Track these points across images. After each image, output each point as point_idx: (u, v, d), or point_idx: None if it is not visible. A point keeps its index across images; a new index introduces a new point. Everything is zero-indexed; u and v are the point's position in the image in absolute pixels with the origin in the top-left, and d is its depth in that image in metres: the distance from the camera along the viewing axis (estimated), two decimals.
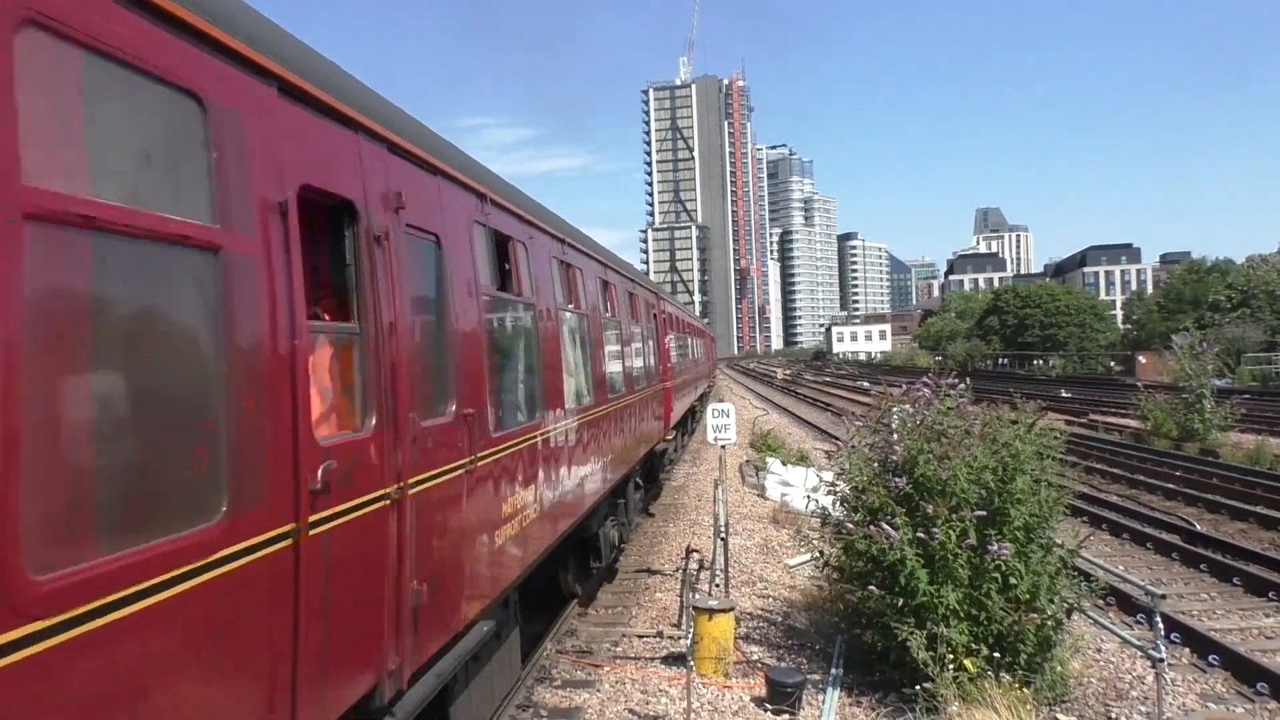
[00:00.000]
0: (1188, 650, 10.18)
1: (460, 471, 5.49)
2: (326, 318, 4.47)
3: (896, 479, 8.53)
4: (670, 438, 20.52)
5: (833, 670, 8.75)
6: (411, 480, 4.73)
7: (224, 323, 3.32)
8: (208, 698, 3.21)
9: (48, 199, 2.56)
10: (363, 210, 4.49)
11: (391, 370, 4.61)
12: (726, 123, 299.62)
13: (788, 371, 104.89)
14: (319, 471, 3.80)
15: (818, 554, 9.95)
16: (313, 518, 3.78)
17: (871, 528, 8.36)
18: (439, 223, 5.55)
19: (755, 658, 9.42)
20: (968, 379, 10.20)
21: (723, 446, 13.46)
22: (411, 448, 4.73)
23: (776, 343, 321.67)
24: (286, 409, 3.67)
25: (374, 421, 4.43)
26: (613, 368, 11.91)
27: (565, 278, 9.35)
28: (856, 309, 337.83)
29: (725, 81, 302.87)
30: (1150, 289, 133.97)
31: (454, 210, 5.93)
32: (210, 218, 3.29)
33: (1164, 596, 8.72)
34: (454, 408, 5.46)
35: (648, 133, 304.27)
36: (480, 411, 5.89)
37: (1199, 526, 16.06)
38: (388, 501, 4.48)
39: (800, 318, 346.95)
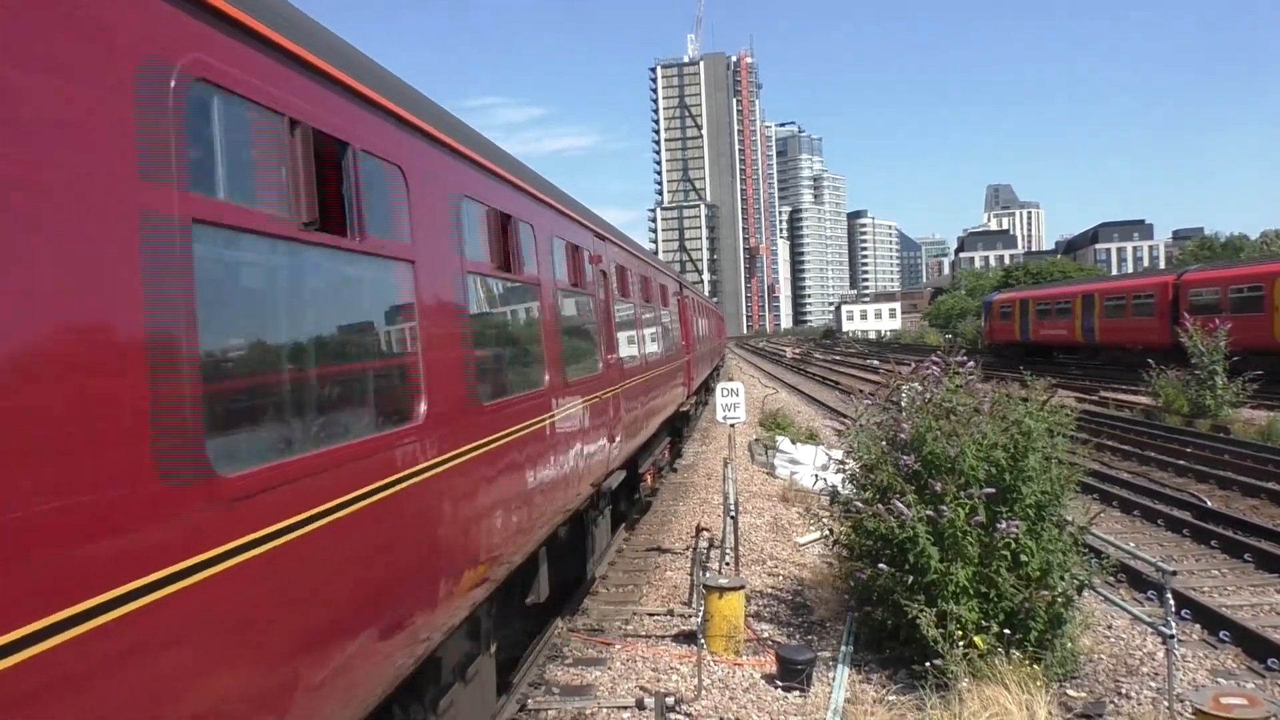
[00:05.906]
0: (1198, 626, 10.17)
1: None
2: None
3: (905, 457, 8.51)
4: (692, 399, 24.78)
5: (843, 647, 8.79)
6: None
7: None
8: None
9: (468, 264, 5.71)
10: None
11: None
12: (735, 100, 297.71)
13: (797, 350, 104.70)
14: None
15: (827, 532, 9.96)
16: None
17: (881, 506, 8.36)
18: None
19: (766, 635, 9.46)
20: (978, 356, 10.15)
21: (732, 425, 13.47)
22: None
23: (786, 321, 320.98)
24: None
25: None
26: (653, 345, 15.95)
27: (644, 286, 14.40)
28: (866, 287, 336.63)
29: (733, 58, 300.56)
30: (1163, 266, 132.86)
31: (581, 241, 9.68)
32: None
33: (1175, 573, 8.70)
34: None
35: (655, 111, 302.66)
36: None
37: (1210, 503, 15.99)
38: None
39: (810, 296, 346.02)
